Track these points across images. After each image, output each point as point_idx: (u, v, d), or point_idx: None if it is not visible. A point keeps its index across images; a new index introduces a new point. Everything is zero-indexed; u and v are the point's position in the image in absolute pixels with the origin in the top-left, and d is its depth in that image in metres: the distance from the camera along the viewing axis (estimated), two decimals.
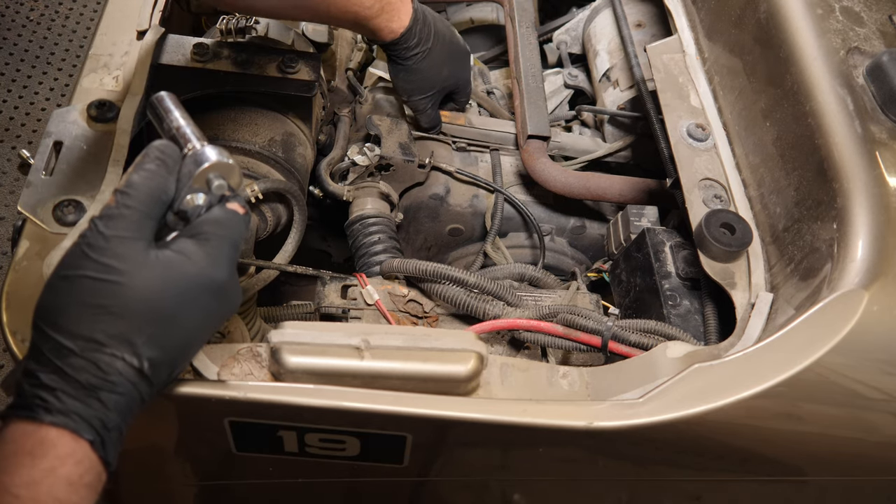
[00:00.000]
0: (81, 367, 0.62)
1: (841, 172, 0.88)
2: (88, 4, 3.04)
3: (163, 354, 0.66)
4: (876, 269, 0.82)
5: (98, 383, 0.62)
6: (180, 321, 0.67)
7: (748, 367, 0.82)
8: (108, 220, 0.66)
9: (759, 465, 0.96)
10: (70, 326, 0.63)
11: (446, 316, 1.13)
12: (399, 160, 1.29)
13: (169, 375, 0.68)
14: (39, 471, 0.59)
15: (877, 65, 0.95)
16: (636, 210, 1.18)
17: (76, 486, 0.61)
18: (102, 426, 0.62)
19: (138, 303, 0.64)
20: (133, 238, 0.66)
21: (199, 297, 0.67)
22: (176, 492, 0.98)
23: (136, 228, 0.66)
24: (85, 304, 0.63)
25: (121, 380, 0.63)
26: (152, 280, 0.65)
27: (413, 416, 0.80)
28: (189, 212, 0.71)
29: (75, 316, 0.63)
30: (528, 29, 1.45)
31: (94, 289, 0.64)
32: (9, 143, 2.57)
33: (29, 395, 0.62)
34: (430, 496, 1.00)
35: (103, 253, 0.64)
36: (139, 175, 0.68)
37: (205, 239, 0.69)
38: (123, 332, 0.63)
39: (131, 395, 0.64)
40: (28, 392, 0.62)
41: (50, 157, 0.91)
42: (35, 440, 0.60)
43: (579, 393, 0.87)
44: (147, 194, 0.67)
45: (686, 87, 1.13)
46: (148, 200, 0.67)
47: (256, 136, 1.12)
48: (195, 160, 0.71)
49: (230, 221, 0.72)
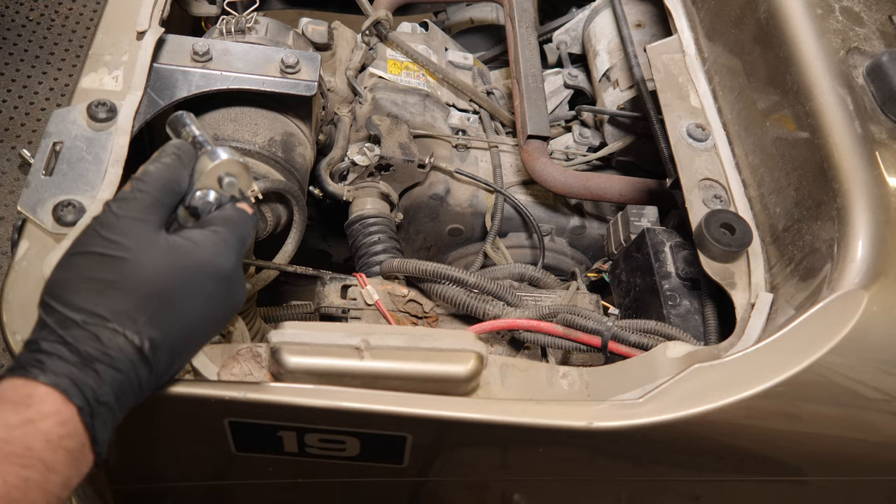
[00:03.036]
0: (82, 338, 0.63)
1: (841, 172, 0.88)
2: (88, 4, 3.04)
3: (164, 337, 0.66)
4: (876, 269, 0.82)
5: (97, 355, 0.63)
6: (184, 305, 0.67)
7: (748, 367, 0.82)
8: (121, 202, 0.68)
9: (759, 465, 0.96)
10: (75, 300, 0.64)
11: (446, 316, 1.13)
12: (399, 160, 1.29)
13: (169, 364, 0.68)
14: (18, 418, 0.59)
15: (877, 65, 0.95)
16: (636, 210, 1.18)
17: (53, 445, 0.60)
18: (94, 397, 0.62)
19: (143, 281, 0.65)
20: (143, 220, 0.68)
21: (204, 283, 0.68)
22: (176, 492, 0.98)
23: (148, 211, 0.68)
24: (91, 279, 0.65)
25: (120, 356, 0.64)
26: (159, 260, 0.66)
27: (413, 417, 0.80)
28: (200, 208, 0.73)
29: (81, 290, 0.64)
30: (528, 29, 1.45)
31: (102, 264, 0.65)
32: (9, 143, 2.57)
33: (26, 359, 0.62)
34: (430, 496, 1.00)
35: (112, 230, 0.66)
36: (155, 166, 0.72)
37: (214, 231, 0.71)
38: (127, 309, 0.64)
39: (129, 374, 0.64)
40: (25, 356, 0.63)
41: (50, 157, 0.91)
42: (23, 394, 0.61)
43: (579, 393, 0.87)
44: (161, 182, 0.70)
45: (686, 87, 1.13)
46: (161, 188, 0.70)
47: (256, 136, 1.12)
48: (209, 158, 0.74)
49: (239, 219, 0.74)
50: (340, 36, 1.44)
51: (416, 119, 1.38)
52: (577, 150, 1.48)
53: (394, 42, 1.46)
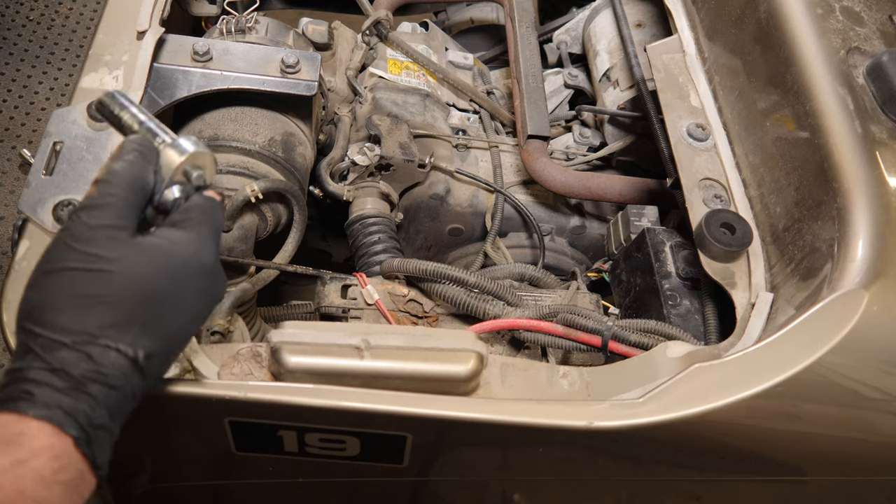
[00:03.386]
0: (72, 360, 0.60)
1: (841, 172, 0.88)
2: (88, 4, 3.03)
3: (157, 343, 0.64)
4: (876, 269, 0.82)
5: (90, 375, 0.60)
6: (172, 307, 0.65)
7: (748, 367, 0.82)
8: (90, 209, 0.64)
9: (759, 465, 0.96)
10: (60, 321, 0.61)
11: (446, 316, 1.12)
12: (399, 160, 1.29)
13: (161, 367, 0.67)
14: (9, 460, 0.56)
15: (877, 65, 0.95)
16: (636, 210, 1.18)
17: (47, 482, 0.57)
18: (89, 423, 0.60)
19: (131, 290, 0.63)
20: (118, 227, 0.64)
21: (190, 281, 0.67)
22: (176, 491, 0.98)
23: (121, 216, 0.65)
24: (75, 297, 0.61)
25: (113, 371, 0.61)
26: (143, 266, 0.63)
27: (413, 416, 0.80)
28: (168, 204, 0.70)
29: (65, 310, 0.61)
30: (528, 29, 1.45)
31: (83, 279, 0.62)
32: (9, 143, 2.57)
33: (13, 391, 0.60)
34: (430, 496, 1.00)
35: (89, 243, 0.63)
36: (119, 164, 0.67)
37: (189, 226, 0.69)
38: (117, 322, 0.62)
39: (123, 388, 0.62)
40: (13, 389, 0.59)
41: (50, 157, 0.91)
42: (14, 431, 0.58)
43: (579, 393, 0.87)
44: (129, 182, 0.67)
45: (686, 86, 1.13)
46: (130, 188, 0.66)
47: (256, 136, 1.12)
48: (175, 151, 0.70)
49: (210, 209, 0.71)
50: (340, 36, 1.44)
51: (416, 119, 1.38)
52: (578, 150, 1.48)
53: (394, 42, 1.46)
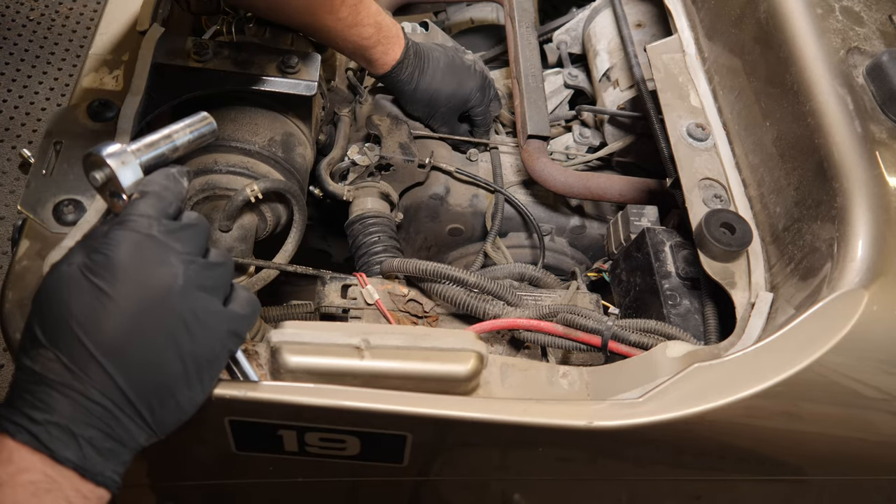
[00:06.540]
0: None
1: (841, 172, 0.88)
2: (88, 4, 3.04)
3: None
4: (876, 269, 0.82)
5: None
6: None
7: (748, 367, 0.82)
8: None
9: (759, 464, 0.96)
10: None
11: (446, 316, 1.12)
12: (399, 160, 1.29)
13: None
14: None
15: (877, 65, 0.95)
16: (636, 210, 1.18)
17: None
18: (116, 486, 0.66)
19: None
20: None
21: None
22: (175, 491, 0.98)
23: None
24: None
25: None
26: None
27: (413, 416, 0.80)
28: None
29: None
30: (528, 29, 1.45)
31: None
32: (9, 143, 2.57)
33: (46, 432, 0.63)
34: (430, 496, 1.00)
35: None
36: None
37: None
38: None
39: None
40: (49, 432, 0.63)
41: (50, 156, 0.91)
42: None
43: (579, 393, 0.87)
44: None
45: (686, 86, 1.13)
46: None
47: (256, 136, 1.12)
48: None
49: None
50: None
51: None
52: (578, 150, 1.48)
53: None
